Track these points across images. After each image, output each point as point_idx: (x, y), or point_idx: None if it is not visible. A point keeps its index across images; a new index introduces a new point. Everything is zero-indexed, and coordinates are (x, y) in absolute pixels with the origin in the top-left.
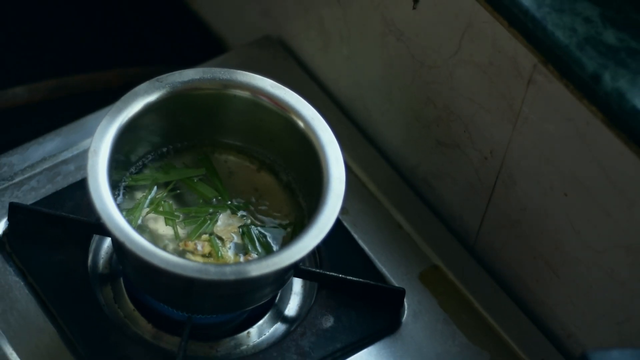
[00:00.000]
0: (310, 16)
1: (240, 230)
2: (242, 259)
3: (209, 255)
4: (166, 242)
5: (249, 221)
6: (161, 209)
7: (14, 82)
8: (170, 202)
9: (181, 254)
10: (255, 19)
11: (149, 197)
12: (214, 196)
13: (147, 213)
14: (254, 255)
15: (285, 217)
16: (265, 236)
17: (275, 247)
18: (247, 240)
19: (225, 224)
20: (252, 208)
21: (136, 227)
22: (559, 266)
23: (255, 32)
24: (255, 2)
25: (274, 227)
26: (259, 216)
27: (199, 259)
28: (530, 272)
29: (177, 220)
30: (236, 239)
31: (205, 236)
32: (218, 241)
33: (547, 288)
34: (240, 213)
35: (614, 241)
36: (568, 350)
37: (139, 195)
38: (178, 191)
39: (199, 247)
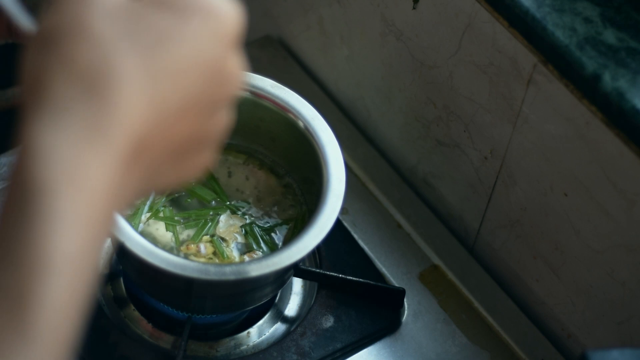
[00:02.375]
0: (310, 16)
1: (243, 229)
2: (246, 257)
3: (214, 256)
4: (168, 246)
5: (250, 220)
6: (161, 214)
7: (14, 82)
8: (170, 207)
9: (184, 257)
10: (255, 19)
11: (148, 202)
12: (212, 198)
13: (147, 219)
14: (259, 253)
15: (285, 215)
16: (268, 234)
17: (279, 245)
18: (250, 239)
19: (227, 224)
20: (252, 207)
21: None
22: (559, 266)
23: (255, 32)
24: (255, 2)
25: (276, 225)
26: (260, 215)
27: (203, 261)
28: (530, 272)
29: (177, 225)
30: (239, 238)
31: (206, 237)
32: (222, 242)
33: (547, 288)
34: (241, 212)
35: (614, 241)
36: (568, 350)
37: (137, 201)
38: (176, 195)
39: (202, 250)
